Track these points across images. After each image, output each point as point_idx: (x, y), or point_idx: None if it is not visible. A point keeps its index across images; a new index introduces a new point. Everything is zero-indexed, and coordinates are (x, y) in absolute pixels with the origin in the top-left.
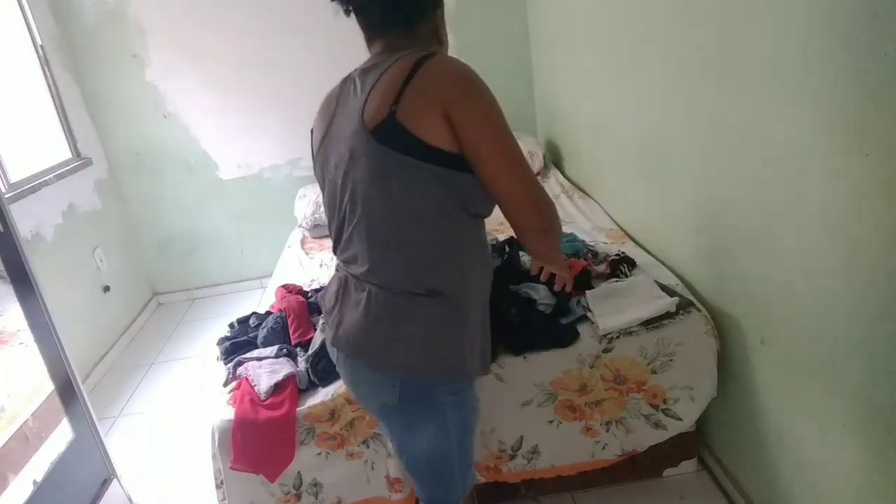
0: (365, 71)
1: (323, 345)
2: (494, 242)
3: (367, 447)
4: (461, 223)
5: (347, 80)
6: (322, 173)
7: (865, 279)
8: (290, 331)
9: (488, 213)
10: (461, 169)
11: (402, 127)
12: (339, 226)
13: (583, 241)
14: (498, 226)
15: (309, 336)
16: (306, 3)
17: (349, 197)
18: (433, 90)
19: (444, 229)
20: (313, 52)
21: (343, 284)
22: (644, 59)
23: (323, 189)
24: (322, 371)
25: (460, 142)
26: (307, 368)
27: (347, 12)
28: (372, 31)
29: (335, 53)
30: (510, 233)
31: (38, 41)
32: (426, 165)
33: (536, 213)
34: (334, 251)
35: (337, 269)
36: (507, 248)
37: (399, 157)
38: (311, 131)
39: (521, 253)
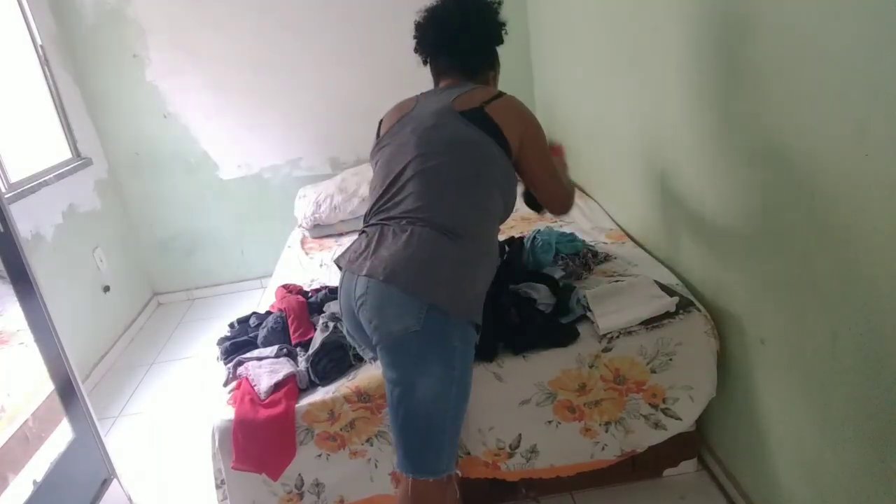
0: (441, 89)
1: (323, 345)
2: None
3: (371, 445)
4: (497, 203)
5: (420, 96)
6: (389, 140)
7: (865, 279)
8: (291, 331)
9: (505, 217)
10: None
11: (489, 116)
12: (394, 179)
13: (583, 241)
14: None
15: (309, 336)
16: (306, 4)
17: (424, 151)
18: (518, 114)
19: (489, 195)
20: (313, 52)
21: (378, 233)
22: (644, 59)
23: (379, 159)
24: (322, 371)
25: (520, 156)
26: (307, 368)
27: (425, 62)
28: (445, 73)
29: (335, 53)
30: (509, 233)
31: (38, 41)
32: (496, 145)
33: (567, 199)
34: (373, 212)
35: (367, 228)
36: (506, 248)
37: (479, 131)
38: (380, 122)
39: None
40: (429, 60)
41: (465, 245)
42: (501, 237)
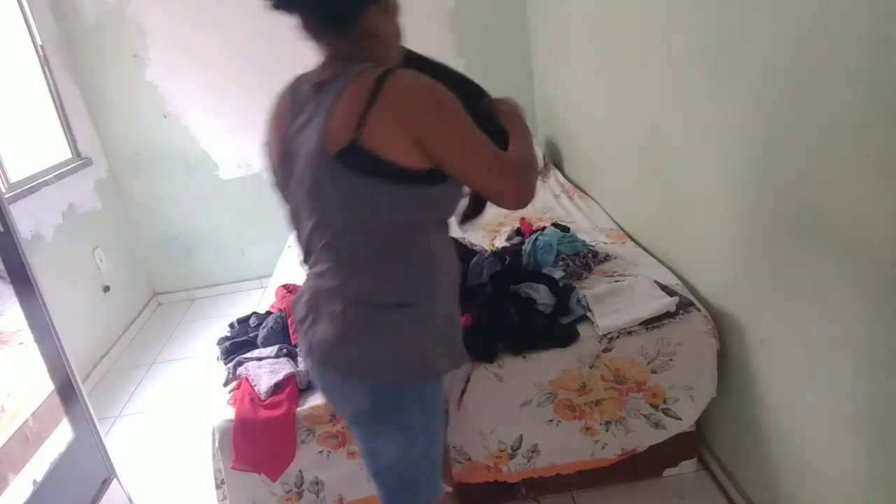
0: (319, 85)
1: None
2: (495, 249)
3: None
4: (428, 234)
5: (298, 91)
6: (284, 189)
7: (865, 279)
8: (291, 331)
9: (452, 214)
10: (432, 182)
11: (368, 150)
12: (307, 241)
13: (583, 241)
14: (498, 226)
15: None
16: None
17: (317, 218)
18: (402, 116)
19: (412, 244)
20: (313, 52)
21: (314, 295)
22: (644, 59)
23: (284, 202)
24: None
25: (435, 160)
26: (307, 369)
27: (276, 7)
28: (308, 34)
29: None
30: (505, 232)
31: (38, 41)
32: (394, 186)
33: (523, 188)
34: (304, 262)
35: (308, 279)
36: (507, 258)
37: (365, 179)
38: (267, 143)
39: None
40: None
41: (398, 311)
42: (499, 241)
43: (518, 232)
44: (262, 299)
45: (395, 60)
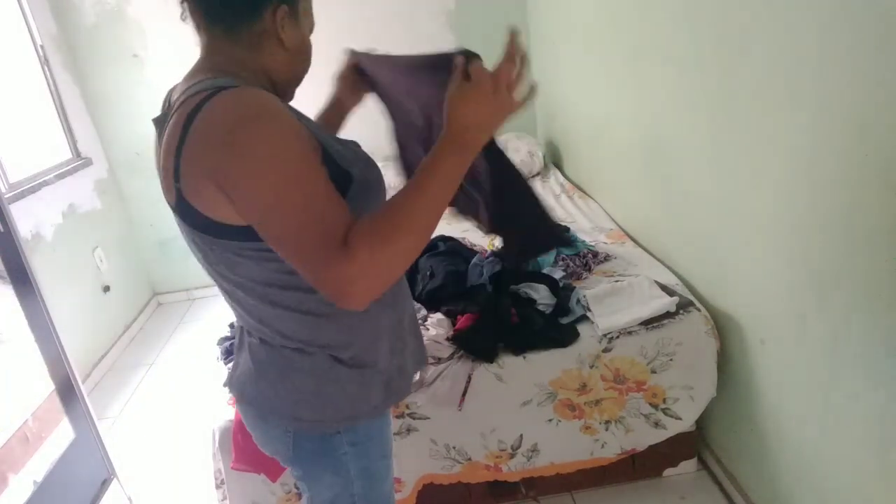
0: (167, 108)
1: None
2: (495, 249)
3: None
4: (287, 295)
5: (166, 103)
6: None
7: (865, 279)
8: None
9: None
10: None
11: (192, 207)
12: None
13: (583, 242)
14: None
15: None
16: None
17: (207, 270)
18: (199, 155)
19: (299, 296)
20: (313, 53)
21: (239, 333)
22: (644, 59)
23: None
24: None
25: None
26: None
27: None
28: (194, 22)
29: (335, 54)
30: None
31: (38, 41)
32: (233, 244)
33: (355, 285)
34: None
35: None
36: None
37: (205, 237)
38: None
39: None
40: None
41: (318, 351)
42: (498, 241)
43: None
44: None
45: (297, 83)
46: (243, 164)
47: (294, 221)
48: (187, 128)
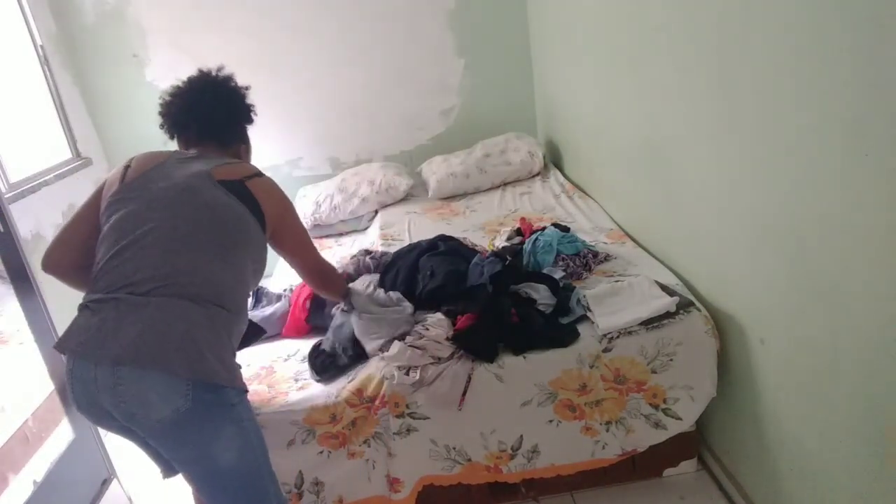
0: (197, 155)
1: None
2: (495, 249)
3: (369, 446)
4: (249, 276)
5: (176, 153)
6: (133, 195)
7: (865, 279)
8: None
9: (253, 288)
10: (261, 240)
11: (249, 190)
12: (133, 241)
13: (583, 242)
14: (498, 226)
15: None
16: (306, 4)
17: (176, 212)
18: (278, 195)
19: (243, 265)
20: (313, 53)
21: (114, 308)
22: (644, 59)
23: (114, 214)
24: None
25: (277, 234)
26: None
27: (172, 137)
28: (194, 139)
29: (335, 53)
30: (506, 233)
31: (38, 41)
32: (254, 219)
33: (322, 280)
34: (101, 279)
35: (96, 303)
36: (507, 258)
37: (238, 201)
38: (127, 164)
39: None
40: (177, 134)
41: (219, 312)
42: (498, 241)
43: (518, 232)
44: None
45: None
46: (294, 216)
47: (311, 247)
48: (260, 175)
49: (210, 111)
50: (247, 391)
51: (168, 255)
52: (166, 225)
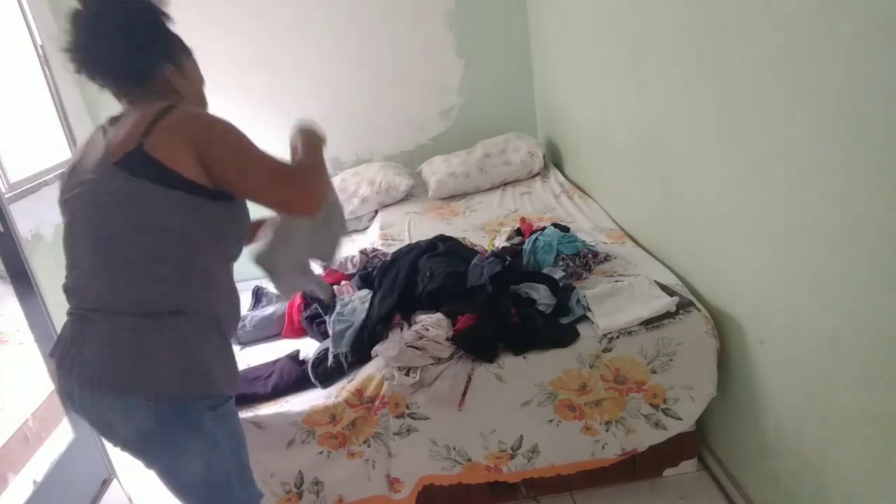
0: (115, 119)
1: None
2: (495, 249)
3: (369, 446)
4: (207, 253)
5: (99, 129)
6: (67, 195)
7: (865, 279)
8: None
9: (235, 256)
10: (211, 198)
11: (151, 157)
12: (77, 257)
13: (583, 242)
14: (498, 226)
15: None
16: (306, 4)
17: (93, 224)
18: (185, 128)
19: (188, 255)
20: (313, 53)
21: (79, 324)
22: (644, 59)
23: (64, 218)
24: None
25: (215, 174)
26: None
27: (79, 72)
28: (112, 92)
29: (335, 54)
30: (506, 233)
31: (38, 41)
32: (173, 192)
33: (305, 196)
34: (69, 291)
35: (70, 314)
36: (507, 258)
37: (145, 183)
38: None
39: None
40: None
41: (174, 319)
42: (498, 241)
43: (518, 232)
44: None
45: None
46: (224, 137)
47: (263, 166)
48: (162, 114)
49: (97, 55)
50: (230, 397)
51: (101, 273)
52: (89, 243)
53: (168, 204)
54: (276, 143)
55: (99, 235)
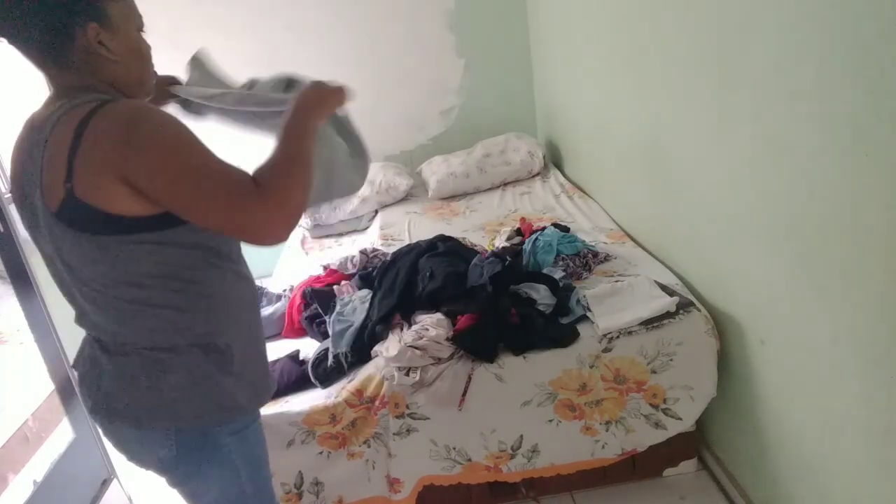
0: (32, 126)
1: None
2: (495, 249)
3: (369, 447)
4: (198, 272)
5: (31, 131)
6: (34, 236)
7: (865, 279)
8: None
9: (236, 248)
10: (172, 225)
11: (86, 204)
12: (69, 296)
13: (583, 242)
14: (498, 226)
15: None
16: (306, 4)
17: (71, 273)
18: (101, 157)
19: (178, 288)
20: (313, 53)
21: (93, 349)
22: (644, 59)
23: (39, 249)
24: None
25: (154, 200)
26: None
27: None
28: (33, 65)
29: (336, 54)
30: (506, 233)
31: None
32: (128, 237)
33: (272, 219)
34: (76, 320)
35: (86, 334)
36: (507, 259)
37: (96, 238)
38: (10, 175)
39: None
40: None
41: (186, 349)
42: (498, 241)
43: (518, 232)
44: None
45: (146, 85)
46: (145, 152)
47: (206, 181)
48: (80, 134)
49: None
50: (257, 416)
51: (100, 313)
52: (75, 289)
53: (130, 254)
54: (275, 141)
55: (82, 287)
